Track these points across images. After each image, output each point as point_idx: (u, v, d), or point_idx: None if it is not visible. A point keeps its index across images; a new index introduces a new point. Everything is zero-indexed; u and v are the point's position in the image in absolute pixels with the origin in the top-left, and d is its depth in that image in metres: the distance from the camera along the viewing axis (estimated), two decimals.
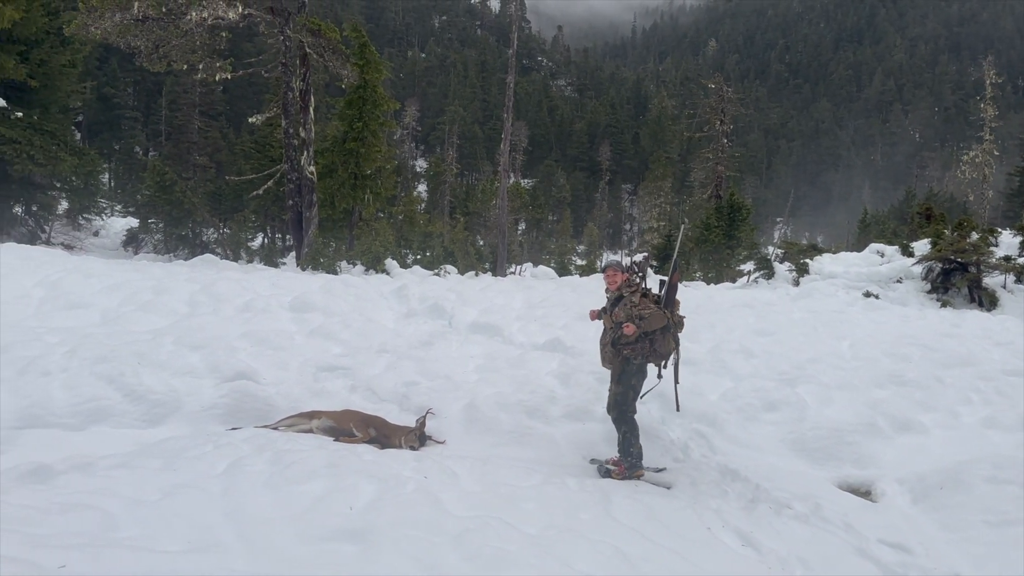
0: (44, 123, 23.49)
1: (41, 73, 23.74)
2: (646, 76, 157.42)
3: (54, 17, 24.50)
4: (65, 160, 23.30)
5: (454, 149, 75.92)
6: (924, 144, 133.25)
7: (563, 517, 4.81)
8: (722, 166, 35.76)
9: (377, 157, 21.80)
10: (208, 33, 18.29)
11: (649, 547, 4.56)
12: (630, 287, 6.57)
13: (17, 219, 25.11)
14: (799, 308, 15.71)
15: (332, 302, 10.88)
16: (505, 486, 5.18)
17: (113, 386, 6.71)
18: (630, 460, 6.10)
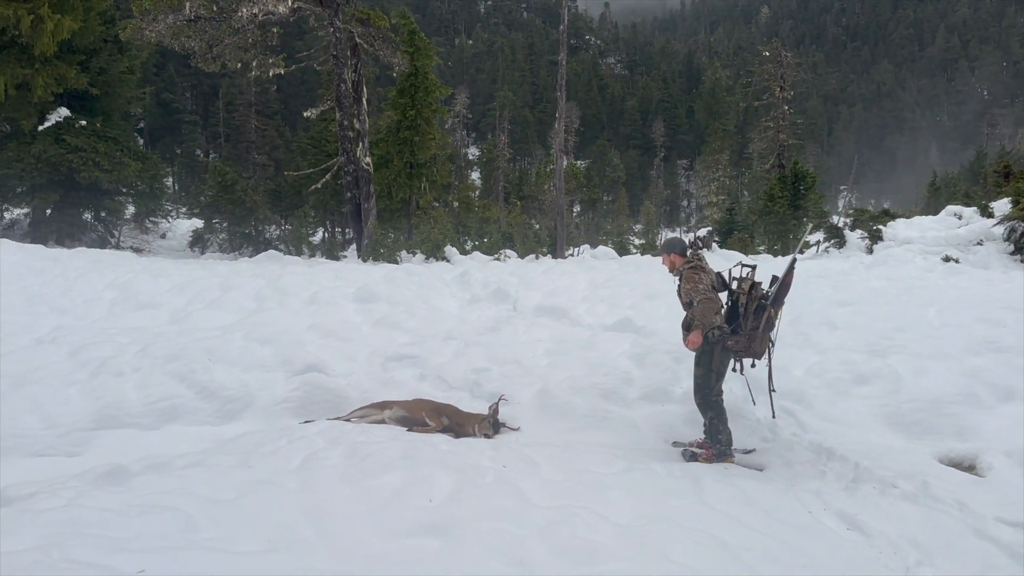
0: (107, 130, 24.08)
1: (101, 81, 24.33)
2: (697, 48, 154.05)
3: (110, 25, 25.04)
4: (129, 165, 23.87)
5: (505, 134, 75.60)
6: (993, 101, 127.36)
7: (653, 505, 4.55)
8: (783, 134, 34.59)
9: (431, 145, 21.71)
10: (259, 30, 18.40)
11: (749, 534, 4.27)
12: (689, 264, 6.25)
13: (87, 225, 25.87)
14: (876, 276, 15.03)
15: (395, 291, 10.79)
16: (588, 473, 4.95)
17: (185, 384, 6.70)
18: (719, 447, 5.78)
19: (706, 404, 5.93)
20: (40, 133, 22.37)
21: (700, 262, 6.24)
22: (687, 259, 6.26)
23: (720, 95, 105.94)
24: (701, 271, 6.18)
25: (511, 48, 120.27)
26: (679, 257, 6.30)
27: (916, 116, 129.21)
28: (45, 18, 19.79)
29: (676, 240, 6.50)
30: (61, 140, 22.16)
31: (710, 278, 6.20)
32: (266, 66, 19.02)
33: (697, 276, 6.16)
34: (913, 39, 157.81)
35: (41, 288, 9.95)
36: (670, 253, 6.36)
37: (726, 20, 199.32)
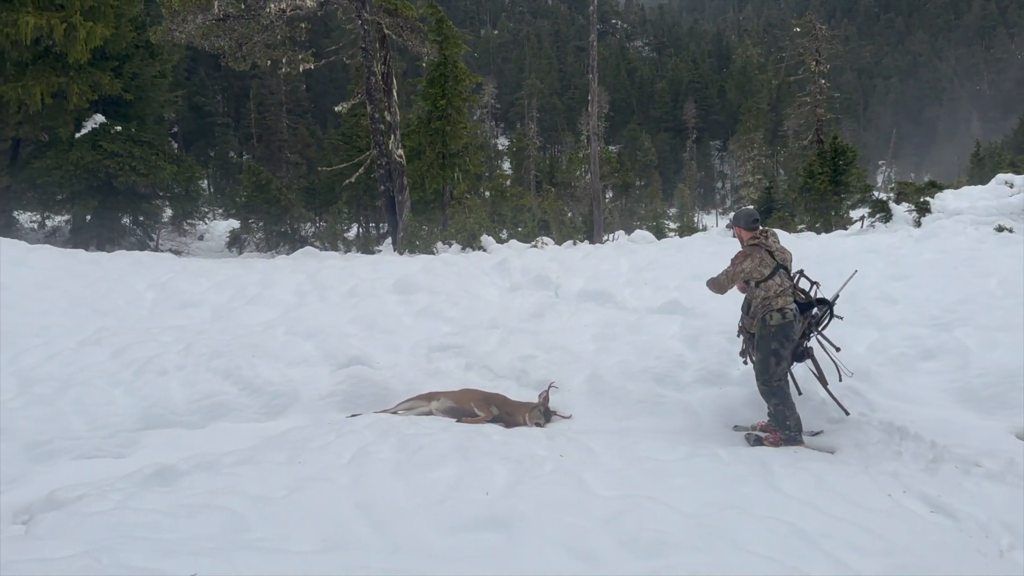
0: (142, 134, 24.29)
1: (135, 86, 24.54)
2: (726, 27, 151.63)
3: (141, 31, 25.23)
4: (165, 168, 24.08)
5: (534, 122, 75.15)
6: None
7: (721, 492, 4.32)
8: (821, 109, 33.75)
9: (463, 134, 21.52)
10: (288, 26, 18.34)
11: (826, 521, 4.01)
12: (751, 242, 5.97)
13: (126, 229, 26.19)
14: (928, 249, 14.48)
15: (435, 281, 10.64)
16: (649, 460, 4.72)
17: (230, 380, 6.60)
18: (787, 433, 5.51)
19: (768, 391, 5.67)
20: (77, 140, 22.62)
21: (765, 240, 5.93)
22: (753, 235, 5.95)
23: (752, 73, 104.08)
24: (751, 256, 5.84)
25: (537, 36, 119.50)
26: (745, 232, 6.03)
27: (955, 86, 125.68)
28: (78, 26, 19.95)
29: (744, 212, 6.20)
30: (98, 146, 22.40)
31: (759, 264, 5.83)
32: (295, 62, 18.96)
33: (739, 260, 5.87)
34: (949, 8, 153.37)
35: (83, 291, 9.97)
36: (736, 225, 6.12)
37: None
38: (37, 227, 26.81)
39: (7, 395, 5.88)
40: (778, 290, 5.73)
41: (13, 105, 20.49)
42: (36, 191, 23.53)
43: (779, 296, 5.70)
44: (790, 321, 5.65)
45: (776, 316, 5.62)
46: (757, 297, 5.75)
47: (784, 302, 5.70)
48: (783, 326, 5.63)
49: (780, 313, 5.63)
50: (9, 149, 24.09)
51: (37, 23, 19.44)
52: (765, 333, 5.65)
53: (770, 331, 5.63)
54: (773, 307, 5.65)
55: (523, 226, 21.06)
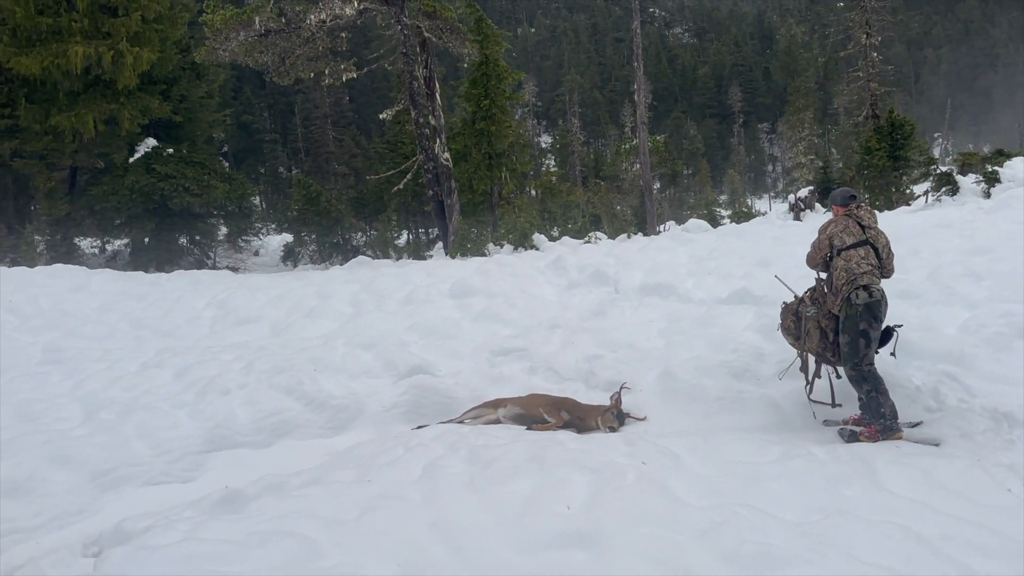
0: (193, 155, 24.67)
1: (183, 108, 24.94)
2: (767, 7, 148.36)
3: (186, 53, 25.67)
4: (217, 187, 24.41)
5: (577, 118, 74.61)
6: None
7: (824, 496, 3.97)
8: (874, 83, 32.58)
9: (508, 133, 21.29)
10: (328, 36, 18.35)
11: (944, 522, 3.64)
12: (844, 214, 5.69)
13: (184, 249, 26.66)
14: (1003, 220, 13.71)
15: (491, 283, 10.42)
16: (740, 464, 4.39)
17: (293, 396, 6.47)
18: (883, 422, 5.11)
19: (859, 375, 5.28)
20: (131, 165, 23.06)
21: (856, 212, 5.62)
22: (847, 210, 5.68)
23: (797, 52, 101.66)
24: (837, 222, 5.64)
25: (575, 31, 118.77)
26: (840, 208, 5.75)
27: (1010, 51, 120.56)
28: (125, 52, 20.33)
29: (840, 190, 5.96)
30: (151, 169, 22.79)
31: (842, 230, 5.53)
32: (338, 72, 18.98)
33: (825, 227, 5.65)
34: None
35: (143, 312, 10.02)
36: (833, 204, 5.82)
37: None
38: (98, 252, 27.49)
39: (73, 423, 5.84)
40: (863, 265, 5.37)
41: (68, 134, 20.99)
42: (95, 217, 24.05)
43: (864, 273, 5.34)
44: (877, 300, 5.30)
45: (863, 294, 5.27)
46: (839, 268, 5.39)
47: (870, 279, 5.35)
48: (869, 305, 5.28)
49: (866, 291, 5.28)
50: (67, 178, 24.73)
51: (86, 52, 19.86)
52: (852, 313, 5.30)
53: (857, 310, 5.28)
54: (859, 283, 5.29)
55: (573, 222, 20.73)
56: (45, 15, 19.92)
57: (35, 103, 21.04)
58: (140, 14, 21.15)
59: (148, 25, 21.56)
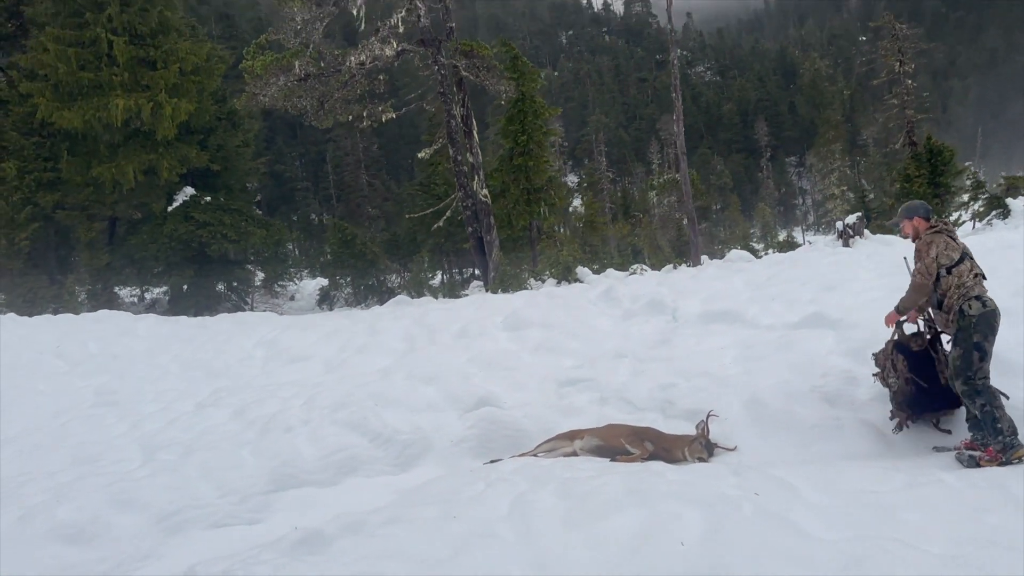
0: (230, 203, 24.92)
1: (220, 157, 25.26)
2: (788, 43, 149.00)
3: (222, 103, 26.11)
4: (255, 233, 24.60)
5: (603, 156, 74.76)
6: None
7: (969, 525, 3.56)
8: (910, 110, 32.18)
9: (546, 168, 21.21)
10: (367, 79, 18.45)
11: None
12: (932, 230, 5.28)
13: (221, 295, 26.79)
14: None
15: (545, 315, 10.10)
16: (865, 494, 3.99)
17: (358, 432, 6.18)
18: (1002, 439, 4.69)
19: (972, 390, 4.90)
20: (170, 214, 23.31)
21: (947, 227, 5.26)
22: (932, 224, 5.28)
23: (822, 86, 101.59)
24: (935, 242, 5.18)
25: (598, 72, 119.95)
26: (923, 221, 5.34)
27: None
28: (163, 104, 20.67)
29: (917, 202, 5.55)
30: (189, 217, 23.01)
31: (945, 248, 5.16)
32: (376, 114, 19.05)
33: (925, 250, 5.17)
34: None
35: (193, 354, 9.85)
36: (912, 217, 5.40)
37: (815, 11, 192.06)
38: (137, 300, 27.72)
39: (132, 464, 5.59)
40: (972, 276, 5.07)
41: (108, 185, 21.26)
42: (134, 266, 24.27)
43: (975, 284, 5.03)
44: (992, 310, 4.98)
45: (976, 304, 4.96)
46: (951, 286, 5.05)
47: (981, 290, 5.06)
48: (984, 315, 4.95)
49: (980, 301, 4.98)
50: (106, 228, 25.04)
51: (126, 105, 20.21)
52: (965, 324, 4.97)
53: (971, 322, 4.94)
54: (971, 294, 4.99)
55: (614, 256, 20.43)
56: (87, 70, 20.33)
57: (76, 156, 21.40)
58: (178, 66, 21.56)
59: (186, 77, 21.96)
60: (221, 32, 64.61)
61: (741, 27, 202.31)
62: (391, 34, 17.30)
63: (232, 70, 30.15)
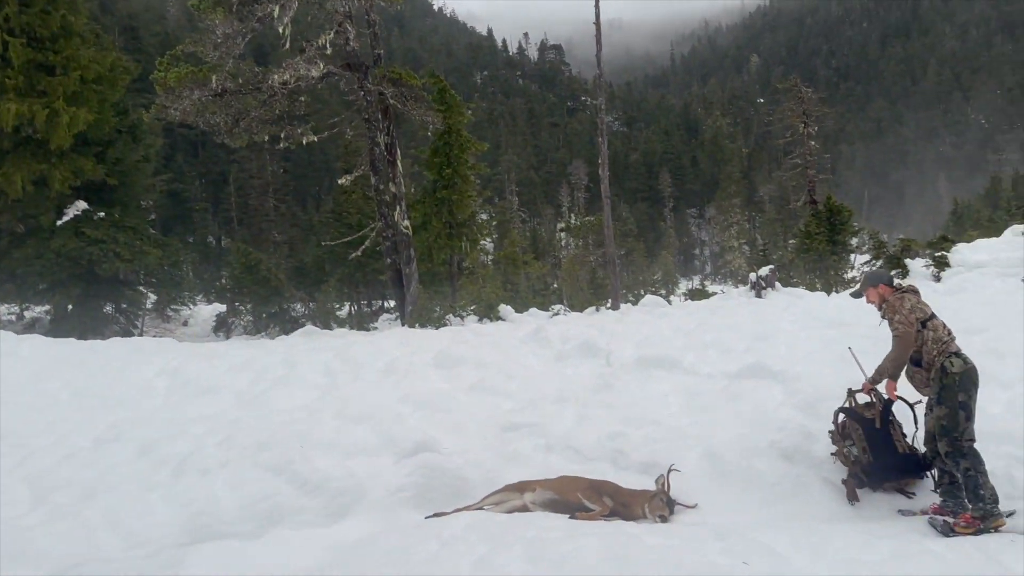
0: (125, 220, 23.38)
1: (118, 171, 23.72)
2: (692, 100, 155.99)
3: (124, 115, 24.69)
4: (150, 253, 23.15)
5: (515, 196, 75.45)
6: (994, 128, 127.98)
7: None
8: (812, 170, 33.85)
9: (470, 203, 20.90)
10: (287, 99, 17.72)
11: None
12: (899, 292, 5.27)
13: (109, 317, 25.03)
14: (970, 302, 13.86)
15: (477, 353, 9.67)
16: (856, 564, 3.74)
17: (283, 477, 5.55)
18: (983, 507, 4.59)
19: (957, 452, 4.81)
20: (59, 228, 21.60)
21: (912, 288, 5.24)
22: (896, 290, 5.25)
23: (723, 143, 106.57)
24: (905, 297, 5.17)
25: (511, 114, 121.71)
26: (887, 288, 5.30)
27: (919, 149, 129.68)
28: (60, 112, 19.27)
29: (882, 271, 5.56)
30: (80, 233, 21.38)
31: (917, 302, 5.18)
32: (295, 136, 18.28)
33: (901, 302, 5.14)
34: (905, 74, 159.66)
35: (87, 381, 8.87)
36: (877, 285, 5.35)
37: (717, 71, 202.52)
38: (15, 319, 25.55)
39: (21, 508, 4.79)
40: (947, 332, 5.07)
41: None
42: (15, 281, 22.33)
43: (951, 340, 5.03)
44: (972, 367, 4.96)
45: (957, 362, 4.92)
46: (927, 340, 4.98)
47: (957, 346, 5.03)
48: (967, 372, 4.91)
49: (960, 358, 4.95)
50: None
51: (19, 110, 18.71)
52: (949, 383, 4.90)
53: (955, 379, 4.88)
54: (950, 350, 4.97)
55: (532, 296, 20.24)
56: None
57: None
58: (79, 74, 20.17)
59: (87, 85, 20.54)
60: (125, 44, 61.66)
61: (648, 82, 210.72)
62: (318, 55, 16.69)
63: (136, 82, 28.69)
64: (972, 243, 22.02)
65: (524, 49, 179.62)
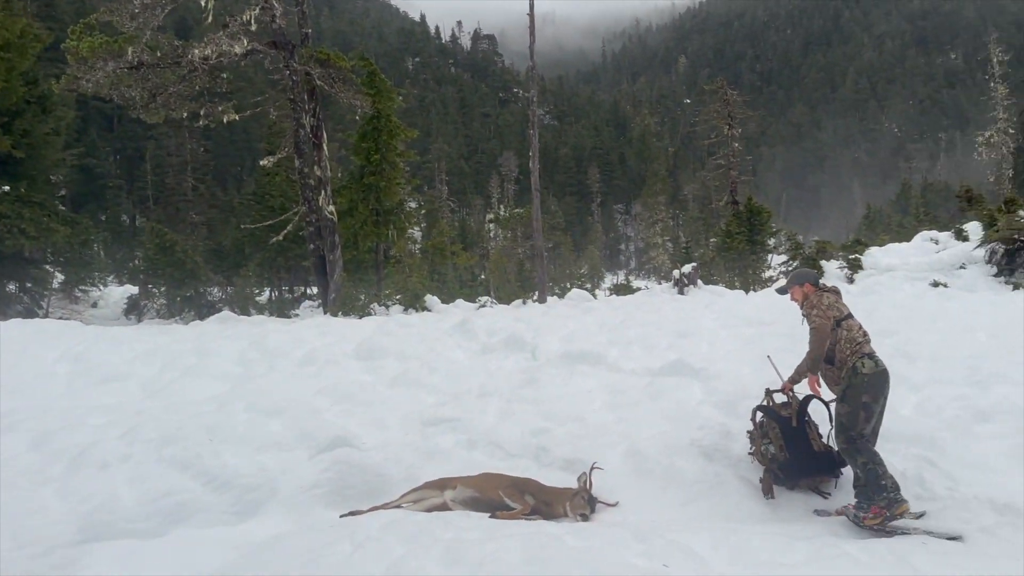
0: (31, 195, 22.25)
1: (25, 144, 22.53)
2: (622, 97, 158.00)
3: (34, 86, 23.40)
4: (58, 231, 22.10)
5: (445, 185, 74.93)
6: (905, 137, 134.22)
7: None
8: (735, 171, 34.68)
9: (398, 190, 20.50)
10: (208, 76, 16.99)
11: None
12: (818, 291, 5.36)
13: (11, 297, 23.73)
14: (884, 304, 14.38)
15: (401, 345, 9.47)
16: (777, 566, 3.74)
17: (189, 473, 5.27)
18: (886, 495, 4.72)
19: (853, 448, 4.93)
20: None
21: (832, 288, 5.32)
22: (818, 290, 5.32)
23: (650, 141, 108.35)
24: (822, 296, 5.26)
25: (443, 102, 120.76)
26: (812, 287, 5.39)
27: (836, 154, 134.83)
28: None
29: (808, 271, 5.60)
30: None
31: (835, 301, 5.26)
32: (215, 114, 17.56)
33: (820, 296, 5.22)
34: (825, 82, 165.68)
35: None
36: (802, 284, 5.40)
37: (647, 71, 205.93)
38: None
39: None
40: (862, 333, 5.14)
41: None
42: None
43: (865, 341, 5.11)
44: (883, 370, 5.03)
45: (869, 363, 4.99)
46: (841, 339, 5.07)
47: (871, 349, 5.11)
48: (876, 375, 4.99)
49: (872, 360, 5.02)
50: None
51: None
52: (857, 383, 4.97)
53: (863, 380, 4.96)
54: (863, 351, 5.03)
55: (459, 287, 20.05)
56: None
57: None
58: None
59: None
60: (38, 11, 58.23)
61: (579, 77, 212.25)
62: (242, 31, 16.06)
63: (48, 51, 27.15)
64: (884, 247, 22.91)
65: (457, 37, 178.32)
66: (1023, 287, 17.80)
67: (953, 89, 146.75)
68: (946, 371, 7.51)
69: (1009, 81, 36.73)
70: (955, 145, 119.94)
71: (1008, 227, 18.70)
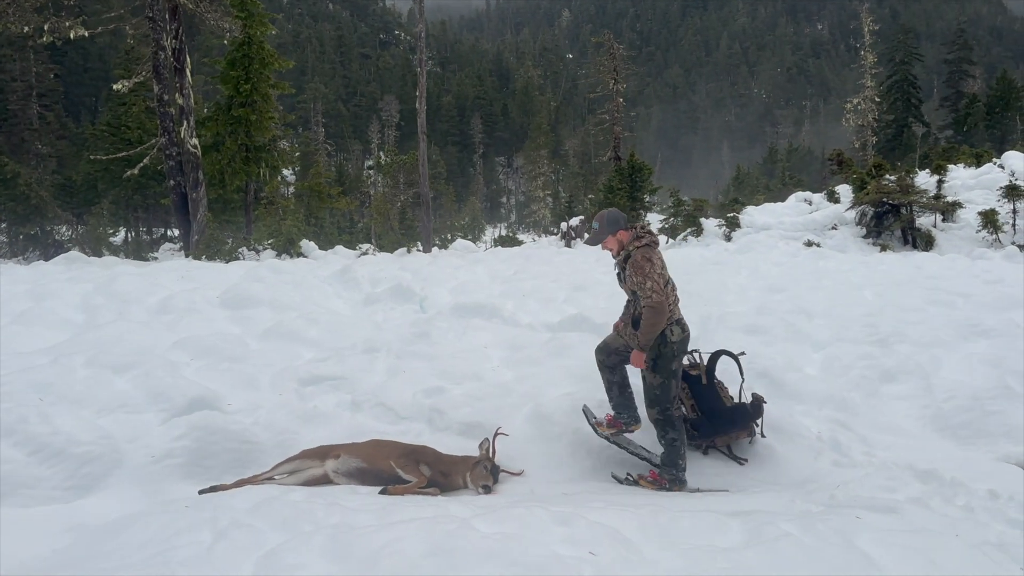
0: None
1: None
2: (505, 48, 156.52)
3: None
4: None
5: (322, 127, 71.80)
6: (772, 103, 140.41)
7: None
8: (619, 127, 34.73)
9: (270, 125, 18.91)
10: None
11: None
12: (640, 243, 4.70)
13: None
14: (762, 262, 14.59)
15: (274, 293, 8.52)
16: (712, 551, 3.29)
17: (13, 439, 4.32)
18: (675, 473, 4.62)
19: (667, 422, 4.64)
20: None
21: (653, 238, 4.78)
22: (635, 234, 4.75)
23: (533, 94, 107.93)
24: (651, 257, 4.63)
25: (319, 39, 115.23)
26: (626, 233, 4.76)
27: (708, 116, 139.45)
28: None
29: (614, 212, 4.85)
30: None
31: (662, 267, 4.69)
32: (61, 29, 15.47)
33: (650, 263, 4.58)
34: (700, 46, 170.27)
35: None
36: (616, 231, 4.75)
37: (531, 22, 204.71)
38: None
39: None
40: (675, 298, 4.70)
41: None
42: None
43: (676, 306, 4.69)
44: (688, 335, 4.73)
45: (677, 330, 4.63)
46: None
47: (679, 313, 4.72)
48: (683, 341, 4.68)
49: (679, 326, 4.66)
50: None
51: None
52: (667, 351, 4.61)
53: (673, 349, 4.62)
54: (674, 318, 4.63)
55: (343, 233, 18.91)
56: None
57: None
58: None
59: None
60: None
61: (463, 24, 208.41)
62: None
63: None
64: (760, 206, 23.56)
65: None
66: (889, 248, 18.69)
67: (818, 59, 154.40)
68: (845, 330, 7.44)
69: (876, 50, 38.48)
70: (819, 112, 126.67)
71: (877, 190, 19.51)
